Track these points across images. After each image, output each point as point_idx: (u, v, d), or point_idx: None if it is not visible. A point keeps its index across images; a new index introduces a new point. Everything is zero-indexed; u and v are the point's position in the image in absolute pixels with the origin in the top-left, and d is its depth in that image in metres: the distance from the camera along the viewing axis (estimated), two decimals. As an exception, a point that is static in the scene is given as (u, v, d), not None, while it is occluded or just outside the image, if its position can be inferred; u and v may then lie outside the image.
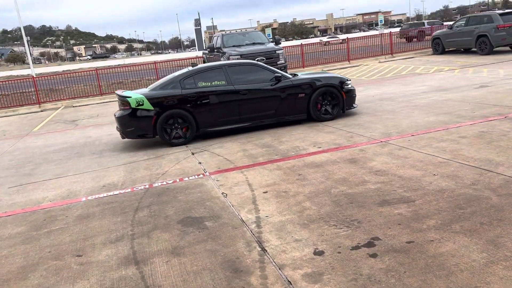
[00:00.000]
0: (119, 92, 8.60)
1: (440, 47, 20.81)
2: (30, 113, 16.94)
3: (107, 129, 11.12)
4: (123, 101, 8.07)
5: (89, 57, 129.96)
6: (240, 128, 8.52)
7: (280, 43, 15.26)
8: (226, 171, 6.12)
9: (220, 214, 4.49)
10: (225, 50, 14.43)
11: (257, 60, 13.56)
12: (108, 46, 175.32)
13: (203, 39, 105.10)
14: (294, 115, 8.62)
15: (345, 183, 4.94)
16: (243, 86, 8.29)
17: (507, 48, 18.76)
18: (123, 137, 8.40)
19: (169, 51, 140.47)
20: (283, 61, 13.96)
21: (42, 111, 17.13)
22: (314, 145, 6.94)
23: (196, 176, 6.03)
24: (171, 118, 8.03)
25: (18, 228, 4.81)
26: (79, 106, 17.26)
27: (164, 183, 5.90)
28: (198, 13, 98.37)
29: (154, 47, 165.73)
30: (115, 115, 8.47)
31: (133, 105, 7.91)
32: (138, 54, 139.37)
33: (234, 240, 3.84)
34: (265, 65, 8.93)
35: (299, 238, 3.70)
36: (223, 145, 7.78)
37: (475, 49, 19.16)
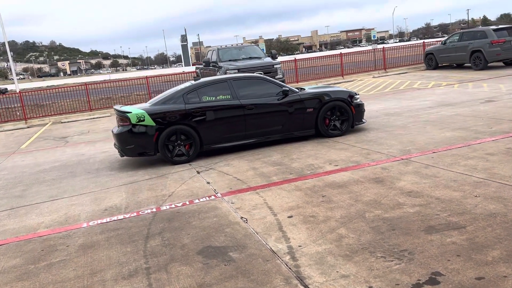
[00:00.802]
0: (118, 107, 8.08)
1: (433, 63, 20.79)
2: (16, 129, 16.20)
3: (100, 146, 10.53)
4: (123, 116, 7.54)
5: (79, 73, 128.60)
6: (245, 145, 8.07)
7: (276, 58, 14.95)
8: (240, 192, 5.63)
9: (245, 243, 3.99)
10: (221, 64, 14.04)
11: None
12: (93, 61, 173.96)
13: (189, 55, 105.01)
14: (302, 131, 8.21)
15: (378, 206, 4.50)
16: (249, 100, 7.87)
17: (501, 64, 18.81)
18: (122, 155, 7.86)
19: (155, 66, 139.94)
20: (281, 76, 13.62)
21: (28, 127, 16.40)
22: (330, 163, 6.51)
23: (207, 198, 5.52)
24: (174, 134, 7.53)
25: (13, 261, 4.22)
26: (68, 122, 16.58)
27: (173, 206, 5.38)
28: (185, 29, 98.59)
29: (140, 62, 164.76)
30: (113, 132, 7.94)
31: (134, 121, 7.39)
32: (123, 70, 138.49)
33: (269, 276, 3.34)
34: (271, 78, 8.51)
35: (346, 273, 3.23)
36: (229, 163, 7.30)
37: (468, 65, 19.18)
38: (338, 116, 8.35)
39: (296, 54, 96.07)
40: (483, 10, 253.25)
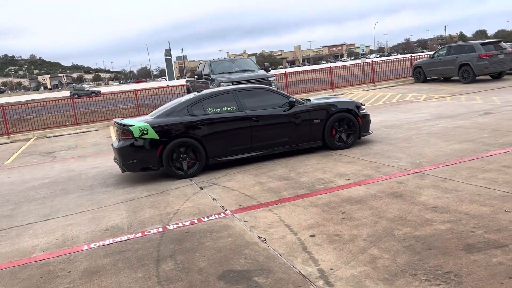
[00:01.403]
0: (119, 120, 7.72)
1: (422, 76, 20.94)
2: (-2, 144, 15.54)
3: (91, 161, 10.07)
4: (124, 130, 7.18)
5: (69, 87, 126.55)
6: (248, 158, 7.77)
7: (269, 71, 14.77)
8: (250, 208, 5.30)
9: (270, 267, 3.66)
10: (214, 77, 13.77)
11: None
12: (74, 76, 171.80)
13: (173, 69, 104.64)
14: (309, 143, 7.97)
15: (406, 223, 4.23)
16: (255, 112, 7.62)
17: (488, 77, 19.04)
18: (123, 171, 7.47)
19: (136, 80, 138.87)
20: (275, 89, 13.39)
21: (12, 142, 15.75)
22: (340, 176, 6.25)
23: (217, 216, 5.18)
24: (179, 148, 7.21)
25: (9, 290, 3.79)
26: (53, 136, 16.00)
27: (180, 225, 5.01)
28: (169, 44, 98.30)
29: (123, 76, 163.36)
30: (113, 146, 7.55)
31: (137, 134, 7.05)
32: (105, 84, 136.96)
33: (305, 303, 3.01)
34: (276, 89, 8.27)
35: (392, 299, 2.92)
36: (232, 177, 6.97)
37: (455, 78, 19.36)
38: (344, 128, 8.17)
39: (280, 68, 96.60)
40: (460, 26, 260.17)
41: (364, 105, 8.56)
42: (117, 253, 4.35)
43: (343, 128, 8.14)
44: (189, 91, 17.25)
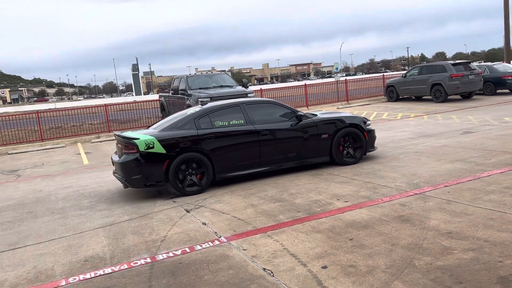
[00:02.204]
0: (119, 132, 7.44)
1: (394, 95, 21.21)
2: (-46, 161, 14.35)
3: (60, 180, 9.33)
4: (128, 143, 6.76)
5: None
6: (238, 177, 7.34)
7: (248, 87, 14.46)
8: (247, 235, 4.85)
9: (284, 305, 3.22)
10: (191, 92, 13.31)
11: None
12: (36, 90, 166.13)
13: (141, 84, 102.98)
14: (317, 158, 7.80)
15: (424, 252, 3.90)
16: (263, 126, 7.40)
17: (458, 97, 19.46)
18: (126, 186, 7.02)
19: (103, 95, 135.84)
20: (254, 105, 13.06)
21: (-31, 158, 14.59)
22: (338, 198, 5.91)
23: (211, 243, 4.69)
24: (185, 162, 6.83)
25: None
26: (16, 153, 14.97)
27: (171, 254, 4.50)
28: (136, 58, 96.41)
29: (87, 91, 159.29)
30: (114, 160, 7.17)
31: (142, 148, 6.62)
32: (69, 99, 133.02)
33: None
34: (283, 103, 8.10)
35: None
36: (220, 199, 6.50)
37: (427, 97, 19.71)
38: (351, 143, 8.03)
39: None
40: (421, 48, 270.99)
41: (369, 120, 8.46)
42: (102, 290, 3.79)
43: (349, 143, 8.00)
44: (162, 107, 16.68)
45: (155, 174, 6.70)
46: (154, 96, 59.77)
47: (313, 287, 3.47)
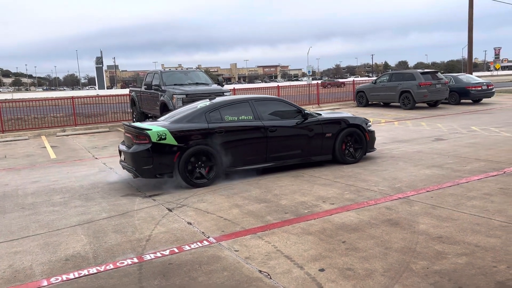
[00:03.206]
0: (131, 123, 7.47)
1: (364, 100, 21.64)
2: None
3: (27, 174, 8.86)
4: (140, 133, 6.78)
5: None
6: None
7: (223, 85, 14.29)
8: (236, 235, 4.74)
9: (287, 309, 3.14)
10: (165, 88, 12.98)
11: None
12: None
13: (104, 77, 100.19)
14: (320, 156, 8.01)
15: (418, 256, 3.93)
16: (271, 122, 7.57)
17: (424, 105, 20.08)
18: (135, 176, 6.91)
19: (64, 88, 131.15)
20: (230, 104, 12.90)
21: None
22: (323, 200, 5.90)
23: (200, 244, 4.55)
24: (195, 155, 6.89)
25: None
26: (-26, 143, 14.12)
27: (159, 254, 4.32)
28: (101, 51, 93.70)
29: (47, 83, 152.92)
30: (123, 150, 7.19)
31: (154, 139, 6.64)
32: (26, 90, 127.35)
33: None
34: (289, 101, 8.28)
35: None
36: (202, 198, 6.35)
37: (395, 104, 20.23)
38: (353, 143, 8.26)
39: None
40: (385, 56, 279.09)
41: (370, 121, 8.71)
42: (89, 292, 3.58)
43: (351, 143, 8.22)
44: (133, 102, 16.23)
45: (166, 164, 6.73)
46: (118, 91, 58.24)
47: (314, 290, 3.41)
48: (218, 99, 7.90)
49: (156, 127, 6.91)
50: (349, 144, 8.21)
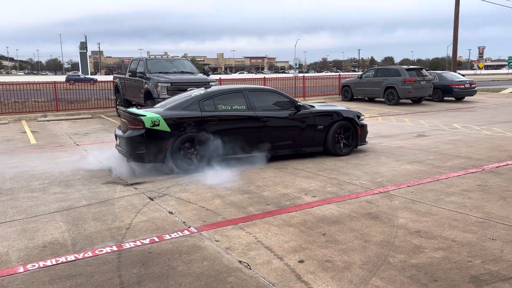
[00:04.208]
0: (124, 109, 7.70)
1: (349, 95, 21.77)
2: None
3: (6, 160, 8.68)
4: (135, 119, 6.93)
5: None
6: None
7: (209, 75, 14.18)
8: (218, 226, 4.73)
9: (266, 299, 3.15)
10: (149, 76, 12.82)
11: (189, 90, 12.29)
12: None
13: (88, 63, 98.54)
14: (311, 147, 8.17)
15: (397, 249, 3.99)
16: (264, 112, 7.69)
17: (408, 101, 20.30)
18: (129, 161, 7.19)
19: (47, 72, 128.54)
20: (216, 94, 12.81)
21: None
22: (305, 193, 5.93)
23: (180, 233, 4.53)
24: (188, 142, 7.05)
25: None
26: (-48, 126, 13.77)
27: (138, 243, 4.29)
28: (85, 36, 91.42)
29: (29, 67, 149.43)
30: (118, 134, 7.42)
31: (148, 125, 6.78)
32: (7, 73, 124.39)
33: None
34: (283, 92, 8.41)
35: None
36: (184, 188, 6.32)
37: (379, 99, 20.41)
38: (345, 135, 8.42)
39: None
40: (371, 51, 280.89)
41: (363, 115, 8.84)
42: (67, 279, 3.53)
43: (343, 136, 8.38)
44: (117, 89, 16.00)
45: (159, 150, 6.82)
46: (102, 77, 57.36)
47: (293, 281, 3.43)
48: (213, 88, 8.01)
49: (150, 113, 7.01)
50: (341, 136, 8.36)
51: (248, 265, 3.74)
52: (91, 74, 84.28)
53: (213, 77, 15.00)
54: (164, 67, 13.71)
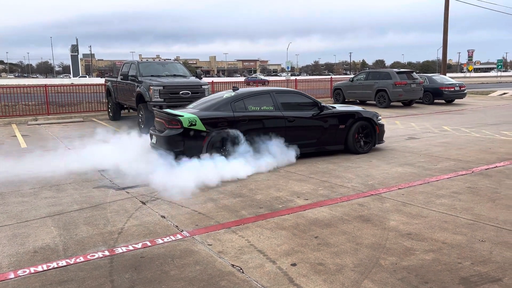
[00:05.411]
0: (163, 110, 8.12)
1: (341, 97, 21.88)
2: None
3: (-4, 163, 8.58)
4: (173, 119, 7.34)
5: None
6: None
7: (201, 78, 14.16)
8: (210, 229, 4.74)
9: (259, 303, 3.17)
10: (141, 79, 12.78)
11: (182, 94, 12.29)
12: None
13: (79, 66, 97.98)
14: (333, 146, 8.63)
15: (388, 252, 4.02)
16: (290, 113, 8.15)
17: (399, 104, 20.46)
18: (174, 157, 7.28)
19: (37, 75, 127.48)
20: (208, 97, 12.81)
21: None
22: (298, 196, 5.95)
23: (173, 238, 4.53)
24: (221, 141, 7.47)
25: None
26: None
27: (131, 247, 4.28)
28: (76, 39, 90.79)
29: (20, 69, 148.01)
30: (154, 134, 7.75)
31: (186, 124, 7.23)
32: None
33: None
34: (306, 94, 8.90)
35: None
36: (177, 191, 6.30)
37: (370, 102, 20.53)
38: (364, 135, 8.86)
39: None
40: (362, 55, 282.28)
41: (380, 115, 9.27)
42: (58, 284, 3.52)
43: (363, 135, 8.83)
44: (109, 92, 15.93)
45: (195, 148, 7.22)
46: (94, 80, 57.04)
47: (285, 284, 3.45)
48: (243, 90, 8.50)
49: (187, 114, 7.46)
50: (361, 135, 8.80)
51: (241, 268, 3.75)
52: (80, 77, 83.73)
53: (208, 79, 15.01)
54: (156, 70, 13.68)
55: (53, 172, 7.66)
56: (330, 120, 8.47)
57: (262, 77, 68.15)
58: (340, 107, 9.10)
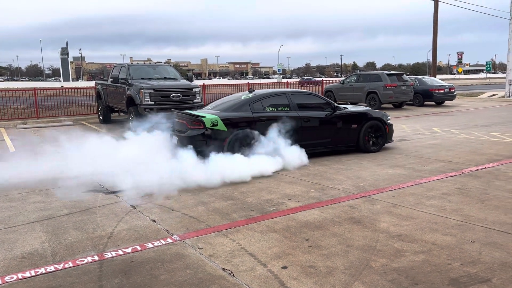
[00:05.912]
0: (185, 111, 8.39)
1: (332, 100, 21.92)
2: None
3: (-16, 168, 8.46)
4: (196, 120, 7.62)
5: None
6: None
7: (192, 81, 14.14)
8: (201, 233, 4.72)
9: (249, 306, 3.15)
10: (132, 82, 12.74)
11: (173, 97, 12.26)
12: None
13: (70, 69, 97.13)
14: (346, 145, 8.94)
15: (379, 254, 4.03)
16: (306, 113, 8.44)
17: (390, 106, 20.59)
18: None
19: (27, 78, 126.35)
20: (199, 100, 12.81)
21: None
22: (289, 198, 5.95)
23: (163, 242, 4.50)
24: (241, 139, 7.73)
25: None
26: None
27: (120, 252, 4.24)
28: (66, 42, 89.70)
29: (8, 73, 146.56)
30: (176, 134, 7.94)
31: (208, 125, 7.51)
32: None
33: None
34: (321, 95, 9.25)
35: None
36: (168, 195, 6.27)
37: (361, 104, 20.62)
38: (374, 134, 9.16)
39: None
40: (353, 57, 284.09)
41: (389, 115, 9.60)
42: (46, 291, 3.47)
43: (373, 134, 9.14)
44: (99, 95, 15.84)
45: (217, 147, 7.38)
46: (84, 84, 56.65)
47: (276, 287, 3.44)
48: (260, 91, 8.79)
49: (208, 114, 7.72)
50: (371, 135, 9.11)
51: (232, 272, 3.73)
52: (72, 80, 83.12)
53: (200, 82, 14.99)
54: (147, 73, 13.64)
55: (42, 176, 7.57)
56: (344, 120, 8.76)
57: (315, 79, 68.55)
58: (351, 108, 9.43)
